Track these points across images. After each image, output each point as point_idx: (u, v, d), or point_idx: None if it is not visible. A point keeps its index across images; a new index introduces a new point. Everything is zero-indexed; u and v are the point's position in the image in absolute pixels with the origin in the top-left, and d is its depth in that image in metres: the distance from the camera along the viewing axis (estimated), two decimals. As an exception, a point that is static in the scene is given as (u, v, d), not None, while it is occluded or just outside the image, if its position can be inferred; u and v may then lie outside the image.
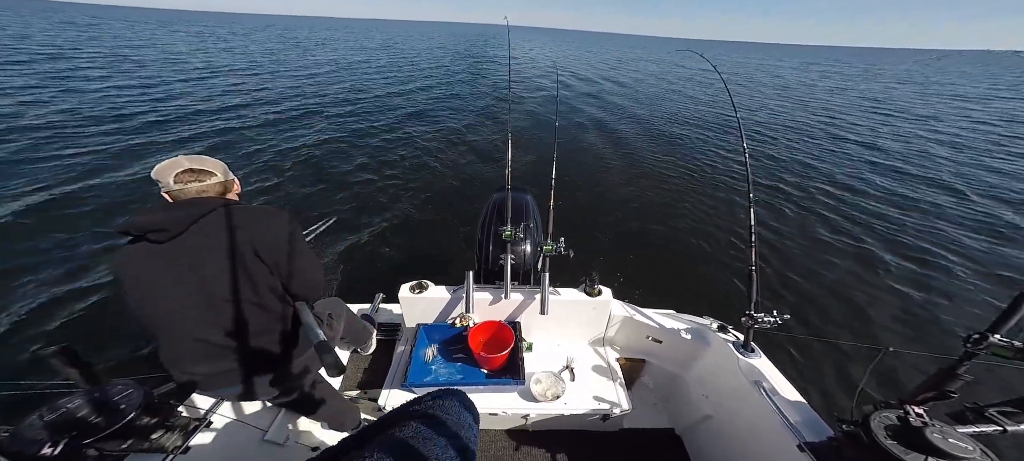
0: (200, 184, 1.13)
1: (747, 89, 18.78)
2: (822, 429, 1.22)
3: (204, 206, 1.08)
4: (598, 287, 1.82)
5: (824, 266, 4.31)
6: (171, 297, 1.05)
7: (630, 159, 7.62)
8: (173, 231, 1.03)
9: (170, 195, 1.11)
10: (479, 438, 1.80)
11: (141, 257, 1.05)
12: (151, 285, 1.05)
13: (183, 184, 1.10)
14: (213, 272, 1.06)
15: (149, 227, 1.03)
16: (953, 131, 11.09)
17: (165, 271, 1.04)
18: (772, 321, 1.43)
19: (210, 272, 1.06)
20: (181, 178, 1.10)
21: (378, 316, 2.19)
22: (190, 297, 1.05)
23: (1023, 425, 0.89)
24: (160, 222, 1.03)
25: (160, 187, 1.11)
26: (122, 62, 14.87)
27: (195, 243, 1.05)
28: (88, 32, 26.29)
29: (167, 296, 1.05)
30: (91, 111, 8.07)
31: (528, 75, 19.49)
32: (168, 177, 1.09)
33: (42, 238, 3.88)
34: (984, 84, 26.41)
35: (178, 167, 1.11)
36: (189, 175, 1.12)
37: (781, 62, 42.06)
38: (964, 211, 5.71)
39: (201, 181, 1.13)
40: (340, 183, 5.80)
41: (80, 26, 30.94)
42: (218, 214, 1.09)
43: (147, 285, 1.05)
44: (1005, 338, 0.90)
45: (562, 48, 48.15)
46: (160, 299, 1.05)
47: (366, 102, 11.31)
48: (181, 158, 1.13)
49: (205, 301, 1.06)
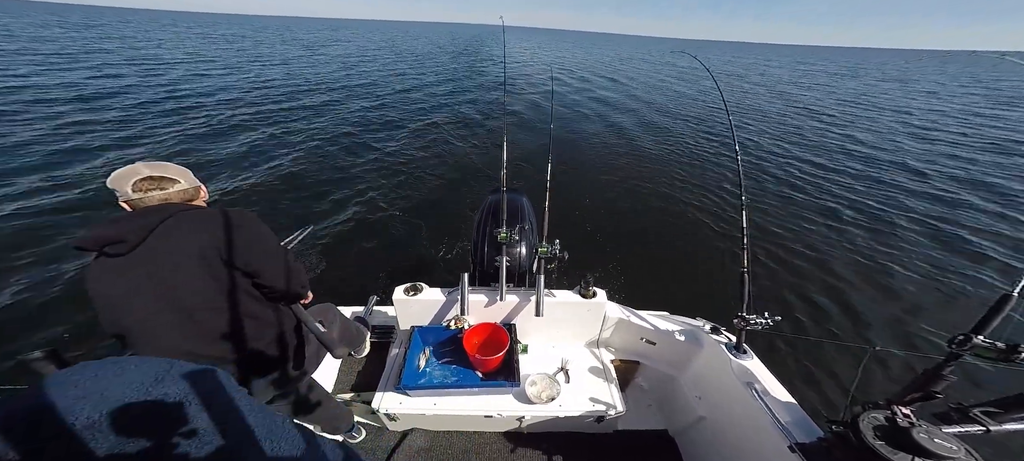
0: (162, 192, 1.06)
1: (740, 90, 18.98)
2: (812, 430, 1.24)
3: (162, 212, 1.02)
4: (593, 289, 1.83)
5: (815, 267, 4.37)
6: (143, 311, 0.99)
7: (625, 161, 7.66)
8: (132, 242, 0.97)
9: (129, 204, 1.04)
10: (474, 440, 1.81)
11: (103, 273, 0.98)
12: (120, 300, 0.98)
13: (143, 192, 1.03)
14: (184, 280, 1.01)
15: (105, 240, 0.96)
16: (953, 131, 11.29)
17: (130, 285, 0.98)
18: (764, 323, 1.45)
19: (180, 281, 1.00)
20: (140, 186, 1.03)
21: (372, 319, 2.18)
22: (163, 309, 1.00)
23: (1006, 425, 0.91)
24: (116, 234, 0.96)
25: (118, 196, 1.04)
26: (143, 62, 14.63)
27: (159, 253, 0.99)
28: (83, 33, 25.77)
29: (140, 309, 0.99)
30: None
31: (524, 76, 19.51)
32: (125, 186, 1.02)
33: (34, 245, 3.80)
34: (977, 84, 26.97)
35: (136, 175, 1.04)
36: (149, 183, 1.05)
37: (771, 62, 42.57)
38: (957, 211, 5.83)
39: (163, 189, 1.07)
40: (334, 185, 5.76)
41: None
42: (178, 220, 1.02)
43: (116, 300, 0.98)
44: (988, 339, 0.92)
45: (559, 49, 48.28)
46: (133, 312, 0.99)
47: (361, 103, 11.25)
48: (139, 165, 1.06)
49: (182, 312, 1.01)
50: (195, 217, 1.05)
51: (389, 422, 1.78)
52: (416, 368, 1.72)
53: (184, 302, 1.01)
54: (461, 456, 1.76)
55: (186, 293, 1.01)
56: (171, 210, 1.04)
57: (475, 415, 1.67)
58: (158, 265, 0.99)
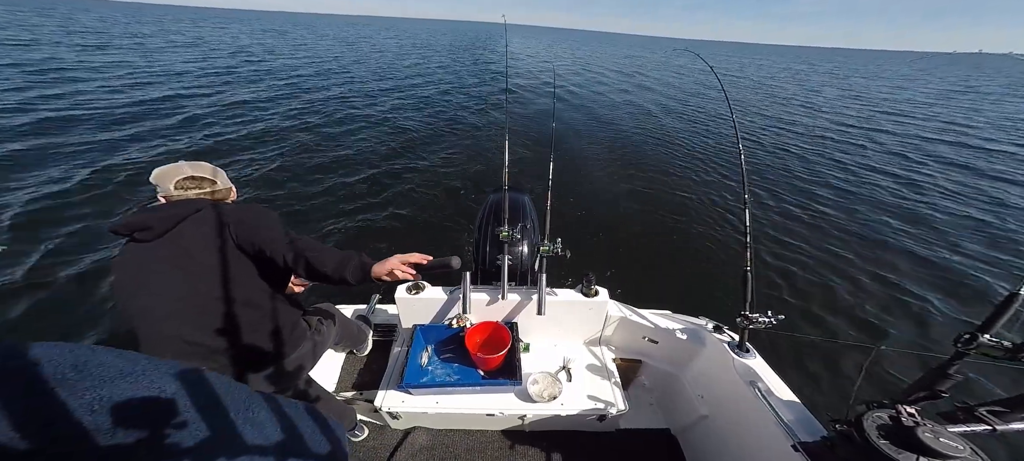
0: (200, 190, 1.13)
1: (744, 89, 18.89)
2: (816, 429, 1.23)
3: (192, 205, 1.08)
4: (595, 288, 1.83)
5: (819, 266, 4.35)
6: (153, 295, 1.03)
7: (627, 160, 7.64)
8: (159, 230, 1.03)
9: (167, 199, 1.10)
10: (476, 439, 1.81)
11: (128, 257, 1.04)
12: (134, 284, 1.03)
13: (184, 190, 1.10)
14: (199, 270, 1.05)
15: (137, 226, 1.03)
16: (954, 131, 11.21)
17: (149, 269, 1.03)
18: (767, 321, 1.44)
19: (196, 270, 1.05)
20: (182, 185, 1.10)
21: (374, 317, 2.19)
22: (176, 297, 1.04)
23: (1012, 424, 0.90)
24: (146, 221, 1.03)
25: (158, 191, 1.10)
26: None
27: (182, 239, 1.05)
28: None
29: (151, 294, 1.03)
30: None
31: (526, 74, 19.48)
32: (169, 183, 1.09)
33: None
34: (989, 84, 26.73)
35: (180, 173, 1.10)
36: (190, 182, 1.12)
37: (775, 61, 42.38)
38: (960, 209, 5.78)
39: (201, 188, 1.14)
40: (333, 184, 5.77)
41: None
42: (205, 213, 1.09)
43: (131, 284, 1.04)
44: (994, 338, 0.91)
45: (561, 47, 48.21)
46: (141, 297, 1.03)
47: (361, 101, 11.27)
48: (183, 164, 1.12)
49: (196, 301, 1.05)
50: (219, 210, 1.12)
51: (391, 420, 1.79)
52: (418, 367, 1.72)
53: (205, 294, 1.06)
54: (463, 455, 1.76)
55: (207, 286, 1.06)
56: (200, 204, 1.10)
57: (477, 414, 1.67)
58: (178, 251, 1.04)
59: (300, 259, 1.12)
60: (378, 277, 1.17)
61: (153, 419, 0.50)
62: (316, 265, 1.12)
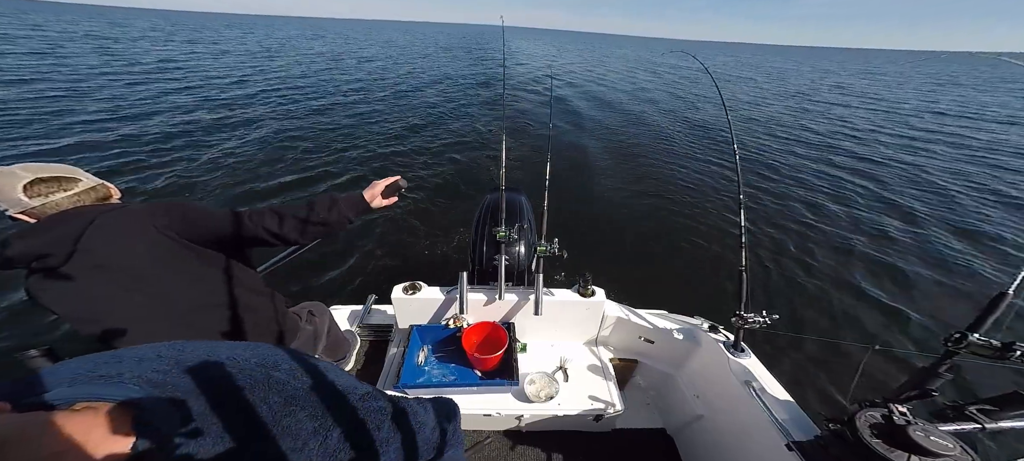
0: (66, 194, 0.91)
1: (738, 89, 19.00)
2: (810, 428, 1.24)
3: (82, 217, 0.89)
4: (591, 288, 1.83)
5: (814, 266, 4.38)
6: (125, 309, 0.92)
7: (623, 160, 7.66)
8: (60, 255, 0.85)
9: (30, 214, 0.88)
10: (473, 439, 1.81)
11: (52, 284, 0.87)
12: (89, 305, 0.90)
13: (42, 197, 0.88)
14: (158, 286, 0.93)
15: (30, 256, 0.85)
16: (952, 130, 11.32)
17: (92, 291, 0.89)
18: (762, 321, 1.45)
19: (153, 289, 0.92)
20: (37, 191, 0.88)
21: (370, 318, 2.18)
22: (148, 332, 0.93)
23: (1001, 422, 0.91)
24: (39, 249, 0.84)
25: (8, 209, 0.86)
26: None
27: (109, 255, 0.89)
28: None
29: (120, 308, 0.92)
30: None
31: (523, 75, 19.48)
32: (14, 194, 0.85)
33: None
34: (982, 85, 27.07)
35: (20, 179, 0.86)
36: (44, 186, 0.89)
37: (772, 62, 42.67)
38: (953, 211, 5.85)
39: (67, 190, 0.92)
40: (333, 184, 5.75)
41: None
42: (106, 219, 0.91)
43: (79, 308, 0.90)
44: (983, 337, 0.93)
45: (558, 48, 48.25)
46: (114, 313, 0.91)
47: (358, 102, 11.22)
48: (15, 168, 0.88)
49: (169, 316, 0.97)
50: (126, 214, 0.95)
51: (388, 421, 1.78)
52: (415, 367, 1.72)
53: (165, 309, 0.96)
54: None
55: (158, 300, 0.95)
56: (91, 214, 0.91)
57: (474, 414, 1.67)
58: (112, 267, 0.90)
59: (273, 216, 1.02)
60: (374, 202, 1.24)
61: None
62: (299, 214, 1.03)
